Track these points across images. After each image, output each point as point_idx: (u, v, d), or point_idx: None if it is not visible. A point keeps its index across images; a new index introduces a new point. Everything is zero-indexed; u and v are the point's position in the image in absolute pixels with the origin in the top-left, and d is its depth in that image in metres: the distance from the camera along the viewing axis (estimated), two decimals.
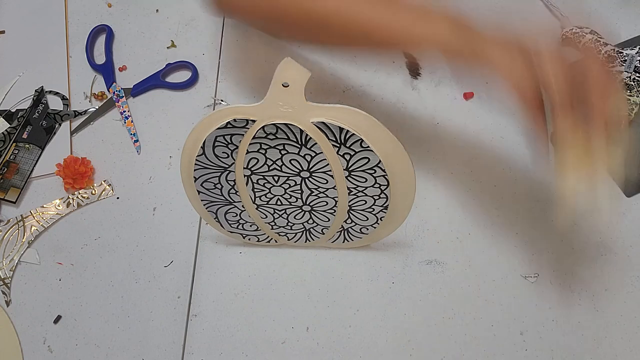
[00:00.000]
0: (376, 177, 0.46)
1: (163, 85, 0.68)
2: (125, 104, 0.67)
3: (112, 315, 0.57)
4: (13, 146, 0.65)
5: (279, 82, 0.40)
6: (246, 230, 0.56)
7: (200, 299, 0.57)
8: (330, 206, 0.50)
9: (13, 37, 0.74)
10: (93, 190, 0.63)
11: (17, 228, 0.61)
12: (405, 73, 0.67)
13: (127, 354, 0.55)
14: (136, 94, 0.68)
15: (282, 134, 0.43)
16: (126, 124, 0.66)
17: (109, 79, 0.68)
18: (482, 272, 0.56)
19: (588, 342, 0.53)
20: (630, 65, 0.62)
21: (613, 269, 0.55)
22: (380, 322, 0.55)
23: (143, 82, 0.68)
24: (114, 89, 0.68)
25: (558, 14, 0.68)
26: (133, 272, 0.59)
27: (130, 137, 0.65)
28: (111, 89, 0.68)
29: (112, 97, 0.67)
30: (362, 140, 0.42)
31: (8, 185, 0.63)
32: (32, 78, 0.70)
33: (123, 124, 0.66)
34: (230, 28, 0.72)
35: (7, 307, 0.58)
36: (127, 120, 0.66)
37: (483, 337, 0.54)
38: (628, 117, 0.60)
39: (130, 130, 0.65)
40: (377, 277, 0.57)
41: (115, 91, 0.68)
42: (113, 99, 0.67)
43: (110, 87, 0.68)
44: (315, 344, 0.54)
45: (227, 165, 0.47)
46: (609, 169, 0.38)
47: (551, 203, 0.59)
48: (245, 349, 0.55)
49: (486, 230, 0.58)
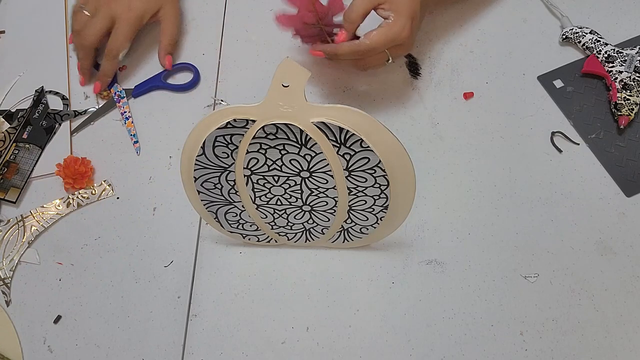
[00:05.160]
0: (376, 177, 0.46)
1: (165, 87, 0.68)
2: (126, 105, 0.67)
3: (112, 315, 0.57)
4: (13, 146, 0.65)
5: (279, 82, 0.40)
6: (246, 230, 0.56)
7: (200, 299, 0.57)
8: (330, 206, 0.50)
9: (13, 37, 0.74)
10: (93, 190, 0.63)
11: (17, 228, 0.61)
12: (405, 73, 0.67)
13: (127, 354, 0.55)
14: (137, 94, 0.68)
15: (282, 134, 0.43)
16: (126, 125, 0.66)
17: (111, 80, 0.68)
18: (482, 272, 0.56)
19: (588, 342, 0.53)
20: (630, 65, 0.62)
21: (613, 269, 0.55)
22: (380, 322, 0.55)
23: (145, 83, 0.68)
24: (115, 90, 0.68)
25: (558, 14, 0.68)
26: (133, 272, 0.59)
27: (130, 137, 0.65)
28: (112, 90, 0.68)
29: (114, 98, 0.67)
30: (362, 140, 0.42)
31: (8, 185, 0.63)
32: (32, 78, 0.70)
33: (123, 124, 0.66)
34: (230, 28, 0.72)
35: (7, 307, 0.58)
36: (128, 121, 0.66)
37: (483, 337, 0.54)
38: (628, 117, 0.60)
39: (130, 131, 0.65)
40: (377, 277, 0.57)
41: (116, 92, 0.68)
42: (114, 99, 0.67)
43: (111, 88, 0.68)
44: (315, 344, 0.55)
45: (227, 165, 0.47)
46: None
47: (551, 203, 0.59)
48: (245, 349, 0.55)
49: (486, 230, 0.58)
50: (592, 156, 0.61)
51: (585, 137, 0.62)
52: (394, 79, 0.66)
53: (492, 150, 0.62)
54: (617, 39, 0.66)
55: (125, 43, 0.66)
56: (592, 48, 0.64)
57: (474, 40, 0.68)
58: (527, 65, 0.66)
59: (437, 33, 0.69)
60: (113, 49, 0.65)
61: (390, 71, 0.67)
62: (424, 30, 0.69)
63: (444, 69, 0.67)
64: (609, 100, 0.63)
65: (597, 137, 0.62)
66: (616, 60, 0.63)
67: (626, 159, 0.60)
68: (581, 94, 0.64)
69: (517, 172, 0.60)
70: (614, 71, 0.62)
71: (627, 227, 0.57)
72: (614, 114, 0.62)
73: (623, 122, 0.60)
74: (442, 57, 0.67)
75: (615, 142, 0.61)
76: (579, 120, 0.63)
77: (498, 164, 0.61)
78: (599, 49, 0.64)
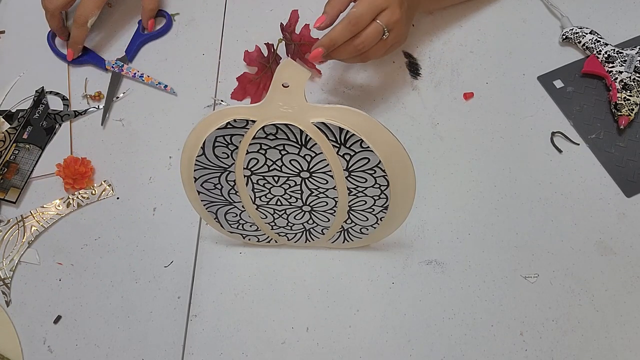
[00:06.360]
0: (376, 177, 0.46)
1: (149, 38, 0.71)
2: (132, 68, 0.69)
3: (112, 315, 0.57)
4: (13, 146, 0.65)
5: (279, 82, 0.40)
6: (246, 231, 0.56)
7: (200, 299, 0.57)
8: (330, 206, 0.50)
9: (13, 37, 0.74)
10: (93, 190, 0.63)
11: (17, 228, 0.61)
12: (405, 73, 0.67)
13: (127, 354, 0.55)
14: (132, 56, 0.70)
15: (282, 135, 0.43)
16: (145, 80, 0.68)
17: (100, 60, 0.70)
18: (482, 272, 0.56)
19: (588, 342, 0.53)
20: (630, 65, 0.62)
21: (613, 269, 0.55)
22: (380, 322, 0.55)
23: (131, 45, 0.71)
24: (110, 65, 0.69)
25: (558, 14, 0.68)
26: (133, 272, 0.59)
27: (159, 86, 0.67)
28: (108, 66, 0.69)
29: (115, 71, 0.69)
30: (362, 141, 0.42)
31: (8, 186, 0.63)
32: (32, 78, 0.70)
33: (142, 81, 0.68)
34: (230, 28, 0.72)
35: (7, 307, 0.58)
36: (145, 77, 0.68)
37: (483, 337, 0.54)
38: (628, 117, 0.60)
39: (153, 82, 0.67)
40: (377, 277, 0.57)
41: (112, 65, 0.69)
42: (116, 71, 0.69)
43: (107, 65, 0.69)
44: (315, 344, 0.55)
45: (227, 165, 0.47)
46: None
47: (551, 203, 0.59)
48: (245, 349, 0.55)
49: (486, 230, 0.58)
50: (592, 156, 0.61)
51: (585, 137, 0.62)
52: (394, 79, 0.66)
53: (492, 150, 0.62)
54: (617, 39, 0.66)
55: (94, 10, 0.67)
56: (592, 48, 0.64)
57: (474, 40, 0.68)
58: (527, 65, 0.66)
59: (437, 33, 0.69)
60: (82, 16, 0.66)
61: (390, 71, 0.67)
62: (424, 30, 0.69)
63: (444, 69, 0.67)
64: (609, 101, 0.63)
65: (597, 137, 0.62)
66: (616, 60, 0.63)
67: (626, 159, 0.60)
68: (581, 94, 0.64)
69: (517, 172, 0.60)
70: (614, 71, 0.62)
71: (627, 228, 0.57)
72: (614, 114, 0.62)
73: (623, 123, 0.60)
74: (442, 57, 0.67)
75: (615, 142, 0.61)
76: (579, 120, 0.63)
77: (498, 164, 0.61)
78: (599, 49, 0.64)
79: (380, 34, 0.55)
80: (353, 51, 0.55)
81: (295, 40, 0.66)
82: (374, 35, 0.54)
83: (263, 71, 0.66)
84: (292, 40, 0.66)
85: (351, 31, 0.54)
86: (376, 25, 0.54)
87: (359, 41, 0.54)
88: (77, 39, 0.68)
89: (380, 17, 0.54)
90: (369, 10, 0.54)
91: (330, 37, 0.54)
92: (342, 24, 0.53)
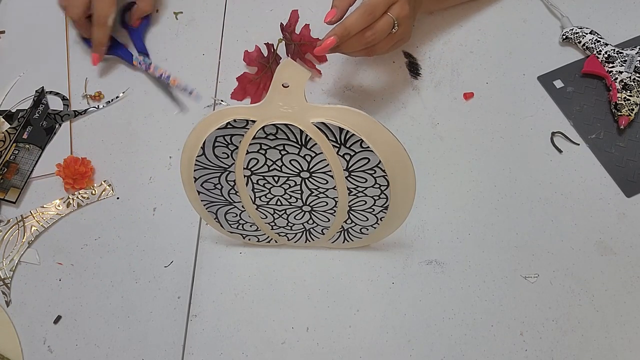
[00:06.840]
0: (376, 177, 0.46)
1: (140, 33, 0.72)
2: (159, 68, 0.69)
3: (112, 315, 0.57)
4: (13, 146, 0.65)
5: (279, 82, 0.40)
6: (246, 231, 0.56)
7: (200, 299, 0.57)
8: (330, 206, 0.50)
9: (13, 37, 0.74)
10: (93, 190, 0.63)
11: (17, 228, 0.61)
12: (405, 73, 0.67)
13: (127, 354, 0.55)
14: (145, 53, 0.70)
15: (282, 135, 0.43)
16: (172, 83, 0.67)
17: (128, 55, 0.70)
18: (482, 272, 0.56)
19: (588, 342, 0.53)
20: (630, 65, 0.62)
21: (613, 269, 0.55)
22: (380, 322, 0.55)
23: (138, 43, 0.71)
24: (138, 61, 0.69)
25: (558, 14, 0.68)
26: (133, 272, 0.59)
27: (183, 90, 0.67)
28: (135, 62, 0.69)
29: (142, 68, 0.69)
30: (362, 141, 0.42)
31: (8, 186, 0.63)
32: (32, 78, 0.70)
33: (167, 82, 0.68)
34: (230, 28, 0.72)
35: (7, 307, 0.58)
36: (171, 79, 0.68)
37: (483, 337, 0.54)
38: (628, 117, 0.60)
39: (180, 86, 0.67)
40: (377, 277, 0.57)
41: (140, 62, 0.69)
42: (144, 68, 0.69)
43: (134, 60, 0.69)
44: (315, 344, 0.55)
45: (227, 165, 0.47)
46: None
47: (551, 203, 0.59)
48: (245, 349, 0.55)
49: (486, 230, 0.58)
50: (592, 156, 0.61)
51: (585, 137, 0.62)
52: (394, 79, 0.66)
53: (492, 150, 0.62)
54: (617, 39, 0.66)
55: (111, 7, 0.66)
56: (592, 48, 0.64)
57: (474, 40, 0.68)
58: (527, 65, 0.66)
59: (437, 33, 0.69)
60: (100, 16, 0.66)
61: (390, 71, 0.67)
62: (424, 31, 0.69)
63: (444, 69, 0.67)
64: (609, 101, 0.63)
65: (597, 137, 0.62)
66: (616, 60, 0.63)
67: (626, 159, 0.60)
68: (581, 94, 0.64)
69: (517, 172, 0.60)
70: (614, 71, 0.62)
71: (627, 228, 0.57)
72: (614, 114, 0.62)
73: (623, 123, 0.60)
74: (442, 57, 0.67)
75: (615, 142, 0.61)
76: (579, 120, 0.63)
77: (498, 164, 0.61)
78: (599, 49, 0.64)
79: (391, 26, 0.54)
80: (363, 43, 0.54)
81: (295, 40, 0.66)
82: (386, 27, 0.54)
83: (263, 71, 0.66)
84: (292, 40, 0.66)
85: (366, 20, 0.52)
86: (388, 18, 0.54)
87: (370, 33, 0.53)
88: (101, 39, 0.67)
89: (392, 10, 0.54)
90: (383, 0, 0.53)
91: (345, 25, 0.52)
92: (357, 12, 0.52)
